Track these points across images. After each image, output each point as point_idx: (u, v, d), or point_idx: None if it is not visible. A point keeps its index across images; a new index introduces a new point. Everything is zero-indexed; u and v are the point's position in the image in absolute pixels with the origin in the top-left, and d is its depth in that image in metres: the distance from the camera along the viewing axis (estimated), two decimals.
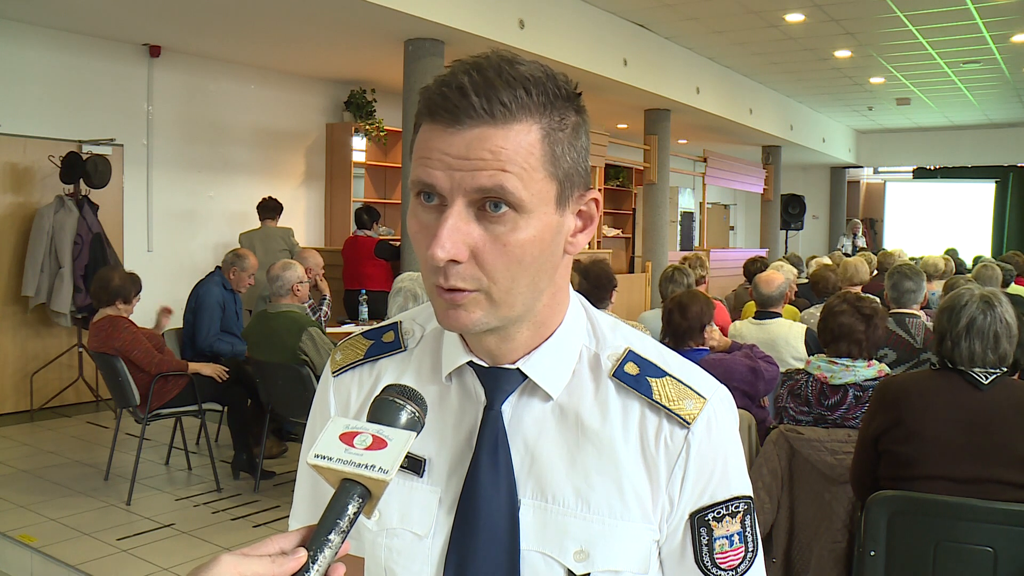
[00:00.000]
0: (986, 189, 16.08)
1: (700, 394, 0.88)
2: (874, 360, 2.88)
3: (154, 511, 4.33)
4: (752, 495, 0.90)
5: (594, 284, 3.87)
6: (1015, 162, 15.46)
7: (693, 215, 15.37)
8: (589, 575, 0.84)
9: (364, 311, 6.21)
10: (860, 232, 14.68)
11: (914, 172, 16.88)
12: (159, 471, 5.04)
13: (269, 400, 4.64)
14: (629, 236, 13.47)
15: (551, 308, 0.88)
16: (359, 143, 8.77)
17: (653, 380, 0.87)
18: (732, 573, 0.87)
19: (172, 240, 7.52)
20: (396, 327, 0.97)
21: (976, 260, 8.17)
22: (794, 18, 8.00)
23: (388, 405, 0.76)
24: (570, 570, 0.84)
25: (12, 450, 5.43)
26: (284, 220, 7.22)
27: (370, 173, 9.29)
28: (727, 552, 0.87)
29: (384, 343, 0.96)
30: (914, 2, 7.45)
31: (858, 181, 17.36)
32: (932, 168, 16.46)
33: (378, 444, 0.73)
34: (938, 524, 2.22)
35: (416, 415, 0.77)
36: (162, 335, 4.92)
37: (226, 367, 4.79)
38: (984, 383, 2.28)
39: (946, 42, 8.85)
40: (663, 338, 3.42)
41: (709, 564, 0.87)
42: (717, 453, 0.87)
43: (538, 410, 0.88)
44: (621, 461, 0.85)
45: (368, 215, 7.31)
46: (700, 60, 9.72)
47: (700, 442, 0.86)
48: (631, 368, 0.88)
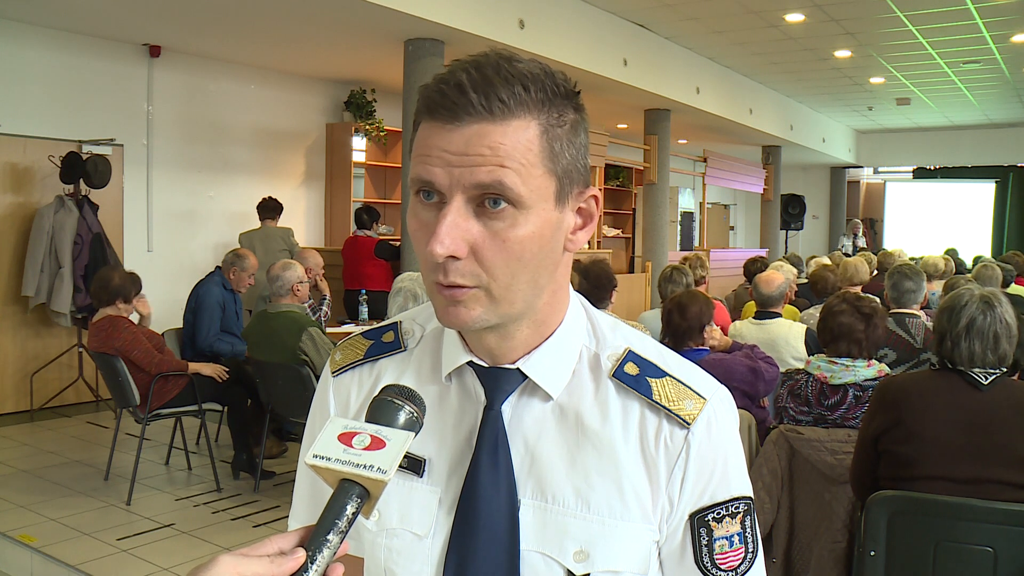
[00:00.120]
0: (986, 189, 16.08)
1: (700, 394, 0.88)
2: (874, 360, 2.88)
3: (154, 511, 4.33)
4: (752, 495, 0.90)
5: (594, 284, 3.87)
6: (1015, 162, 15.46)
7: (693, 215, 15.37)
8: (589, 575, 0.84)
9: (364, 311, 6.21)
10: (860, 232, 14.69)
11: (914, 172, 16.88)
12: (159, 471, 5.04)
13: (269, 400, 4.64)
14: (629, 236, 13.46)
15: (551, 306, 0.88)
16: (359, 143, 8.77)
17: (653, 380, 0.87)
18: (732, 574, 0.87)
19: (172, 240, 7.52)
20: (396, 327, 0.97)
21: (976, 260, 8.17)
22: (794, 18, 8.00)
23: (386, 405, 0.76)
24: (570, 570, 0.84)
25: (12, 450, 5.43)
26: (284, 220, 7.22)
27: (370, 173, 9.29)
28: (727, 553, 0.87)
29: (384, 343, 0.96)
30: (914, 2, 7.45)
31: (858, 181, 17.36)
32: (932, 168, 16.46)
33: (376, 444, 0.73)
34: (938, 524, 2.22)
35: (414, 415, 0.77)
36: (162, 335, 4.92)
37: (226, 367, 4.79)
38: (984, 383, 2.28)
39: (946, 42, 8.85)
40: (663, 338, 3.42)
41: (709, 565, 0.86)
42: (717, 453, 0.87)
43: (538, 410, 0.88)
44: (621, 461, 0.85)
45: (368, 215, 7.31)
46: (700, 60, 9.71)
47: (700, 442, 0.86)
48: (631, 368, 0.88)
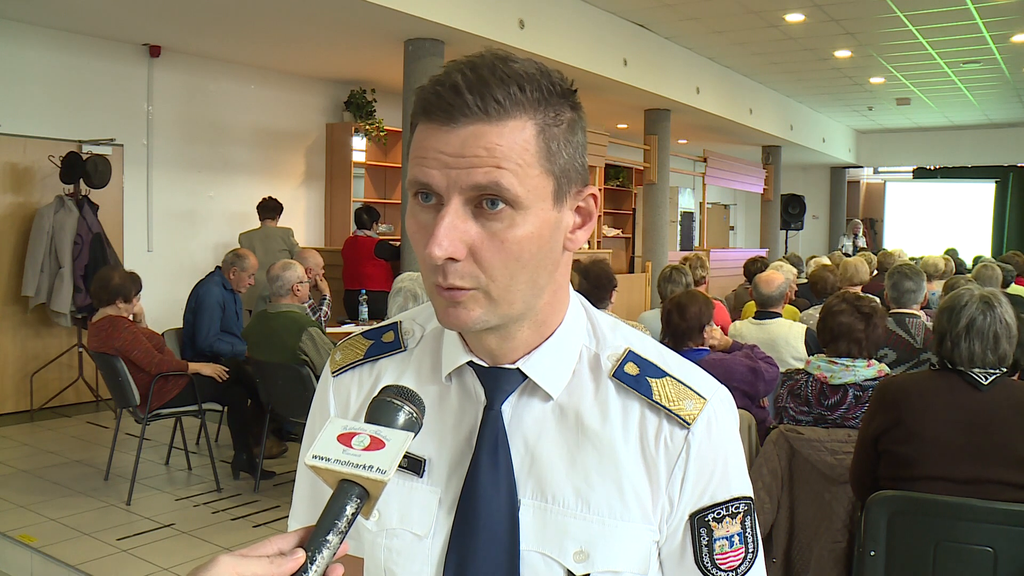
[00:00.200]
0: (986, 189, 16.08)
1: (700, 394, 0.87)
2: (874, 360, 2.88)
3: (154, 511, 4.33)
4: (752, 496, 0.90)
5: (594, 284, 3.88)
6: (1015, 162, 15.46)
7: (693, 215, 15.37)
8: (589, 575, 0.84)
9: (364, 311, 6.21)
10: (861, 232, 14.69)
11: (914, 172, 16.88)
12: (159, 471, 5.03)
13: (269, 400, 4.64)
14: (629, 236, 13.46)
15: (551, 307, 0.87)
16: (359, 143, 8.77)
17: (653, 380, 0.87)
18: (732, 574, 0.87)
19: (172, 240, 7.52)
20: (396, 327, 0.97)
21: (976, 260, 8.16)
22: (794, 18, 8.00)
23: (386, 406, 0.76)
24: (570, 570, 0.84)
25: (12, 450, 5.43)
26: (284, 220, 7.22)
27: (370, 173, 9.29)
28: (727, 553, 0.87)
29: (384, 343, 0.96)
30: (914, 2, 7.45)
31: (858, 181, 17.36)
32: (932, 168, 16.46)
33: (376, 445, 0.73)
34: (938, 524, 2.22)
35: (414, 416, 0.77)
36: (162, 335, 4.92)
37: (226, 367, 4.79)
38: (984, 384, 2.28)
39: (946, 42, 8.85)
40: (663, 339, 3.42)
41: (709, 565, 0.86)
42: (717, 454, 0.87)
43: (538, 410, 0.88)
44: (621, 461, 0.85)
45: (368, 215, 7.31)
46: (700, 60, 9.71)
47: (700, 443, 0.86)
48: (631, 368, 0.88)
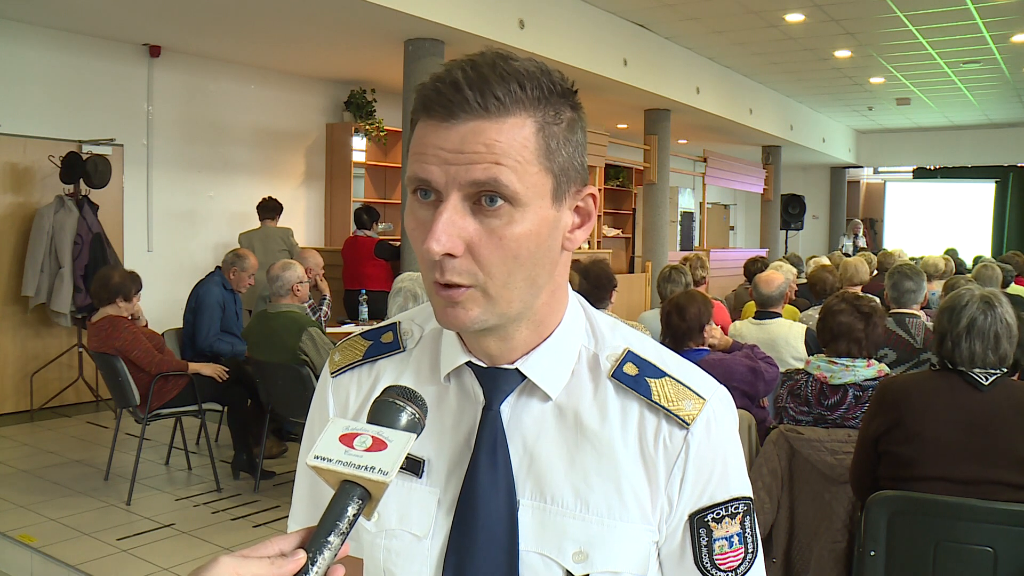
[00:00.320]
0: (986, 189, 16.08)
1: (699, 395, 0.87)
2: (874, 360, 2.88)
3: (154, 511, 4.33)
4: (752, 496, 0.90)
5: (594, 284, 3.88)
6: (1015, 162, 15.45)
7: (693, 215, 15.37)
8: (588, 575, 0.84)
9: (364, 311, 6.21)
10: (861, 232, 14.69)
11: (914, 172, 16.88)
12: (159, 471, 5.03)
13: (269, 400, 4.64)
14: (629, 236, 13.46)
15: (550, 307, 0.87)
16: (359, 143, 8.77)
17: (652, 380, 0.87)
18: (732, 574, 0.87)
19: (172, 240, 7.52)
20: (395, 328, 0.97)
21: (976, 260, 8.16)
22: (794, 18, 8.00)
23: (388, 406, 0.76)
24: (569, 571, 0.83)
25: (12, 450, 5.43)
26: (284, 220, 7.22)
27: (370, 173, 9.29)
28: (727, 553, 0.87)
29: (383, 344, 0.96)
30: (914, 2, 7.45)
31: (858, 181, 17.36)
32: (932, 168, 16.46)
33: (378, 446, 0.73)
34: (938, 524, 2.22)
35: (416, 416, 0.76)
36: (162, 335, 4.92)
37: (226, 367, 4.79)
38: (984, 384, 2.28)
39: (946, 42, 8.85)
40: (663, 340, 3.42)
41: (709, 565, 0.86)
42: (716, 454, 0.87)
43: (537, 410, 0.87)
44: (620, 462, 0.85)
45: (368, 215, 7.31)
46: (700, 60, 9.71)
47: (699, 443, 0.86)
48: (630, 368, 0.88)
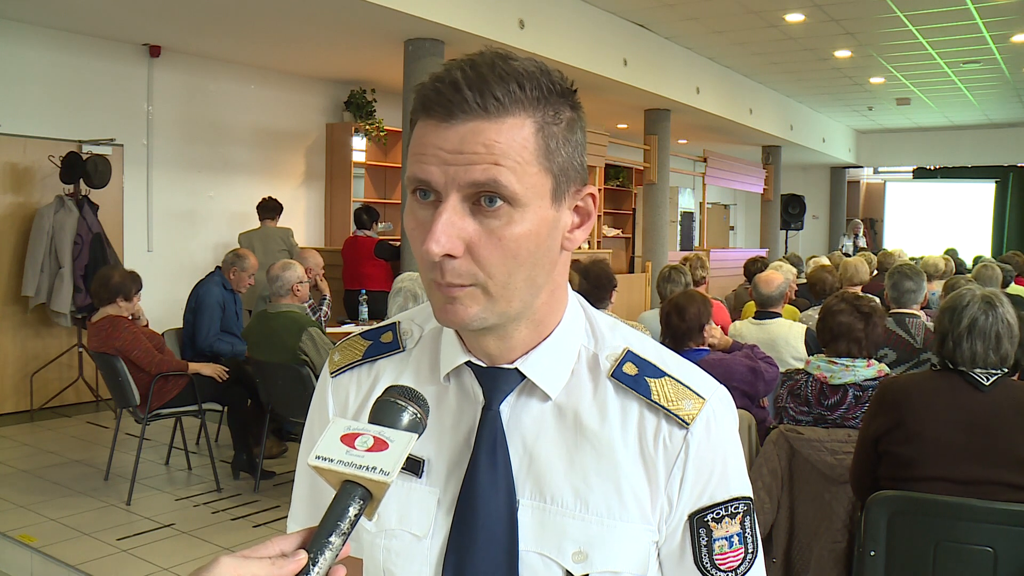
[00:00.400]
0: (986, 189, 16.07)
1: (699, 394, 0.87)
2: (874, 360, 2.88)
3: (154, 511, 4.33)
4: (752, 496, 0.89)
5: (594, 284, 3.88)
6: (1015, 162, 15.45)
7: (693, 215, 15.37)
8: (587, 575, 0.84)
9: (364, 311, 6.21)
10: (861, 232, 14.69)
11: (914, 172, 16.88)
12: (159, 471, 5.03)
13: (269, 400, 4.64)
14: (629, 236, 13.46)
15: (549, 306, 0.87)
16: (359, 143, 8.77)
17: (652, 380, 0.87)
18: (732, 574, 0.87)
19: (172, 240, 7.52)
20: (394, 327, 0.97)
21: (976, 260, 8.16)
22: (794, 18, 7.99)
23: (390, 406, 0.76)
24: (568, 571, 0.83)
25: (12, 450, 5.43)
26: (284, 220, 7.22)
27: (370, 173, 9.29)
28: (727, 553, 0.87)
29: (382, 344, 0.96)
30: (914, 2, 7.45)
31: (858, 181, 17.36)
32: (932, 168, 16.46)
33: (379, 446, 0.72)
34: (938, 524, 2.22)
35: (418, 416, 0.76)
36: (162, 335, 4.92)
37: (226, 367, 4.79)
38: (985, 384, 2.28)
39: (946, 42, 8.85)
40: (663, 340, 3.41)
41: (708, 565, 0.86)
42: (716, 454, 0.87)
43: (536, 410, 0.87)
44: (620, 462, 0.85)
45: (368, 215, 7.31)
46: (700, 60, 9.71)
47: (699, 443, 0.85)
48: (630, 368, 0.88)
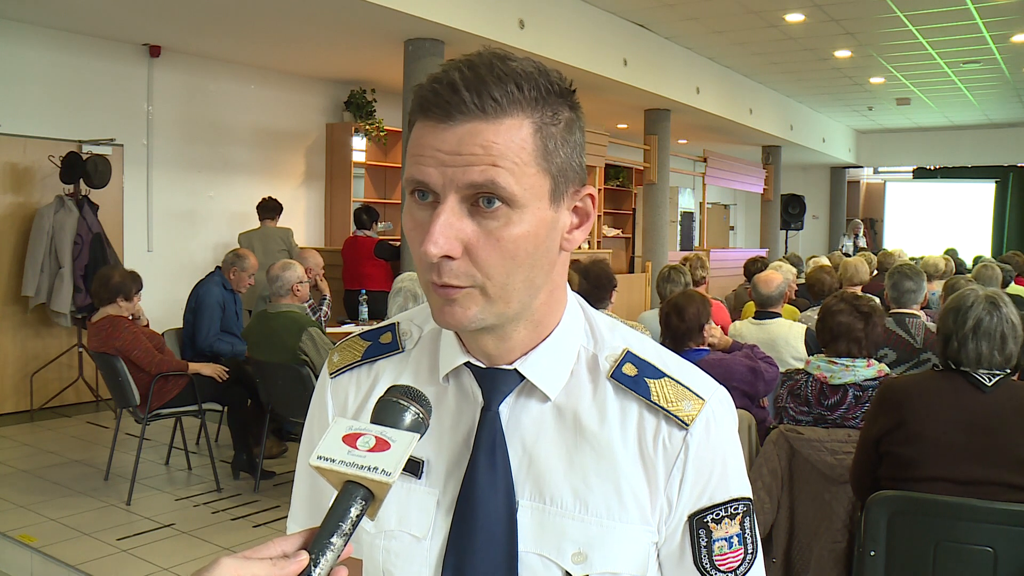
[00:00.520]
0: (986, 189, 16.07)
1: (698, 395, 0.87)
2: (873, 360, 2.88)
3: (154, 511, 4.33)
4: (751, 496, 0.89)
5: (594, 284, 3.88)
6: (1015, 162, 15.45)
7: (693, 215, 15.37)
8: None
9: (364, 311, 6.21)
10: (861, 232, 14.69)
11: (914, 172, 16.88)
12: (159, 471, 5.03)
13: (269, 400, 4.64)
14: (629, 236, 13.45)
15: (548, 307, 0.87)
16: (359, 143, 8.77)
17: (651, 381, 0.87)
18: (732, 575, 0.87)
19: (172, 240, 7.52)
20: (394, 328, 0.97)
21: (976, 260, 8.16)
22: (794, 18, 7.99)
23: (392, 406, 0.76)
24: (568, 572, 0.83)
25: (12, 450, 5.43)
26: (284, 220, 7.21)
27: (370, 173, 9.29)
28: (726, 554, 0.87)
29: (381, 344, 0.96)
30: (914, 2, 7.45)
31: (858, 181, 17.36)
32: (932, 168, 16.46)
33: (381, 446, 0.72)
34: (938, 524, 2.22)
35: (420, 416, 0.76)
36: (162, 335, 4.92)
37: (226, 367, 4.79)
38: (987, 385, 2.27)
39: (946, 42, 8.85)
40: (662, 341, 3.41)
41: (708, 566, 0.86)
42: (716, 454, 0.87)
43: (536, 411, 0.87)
44: (619, 463, 0.85)
45: (367, 215, 7.31)
46: (700, 60, 9.71)
47: (699, 443, 0.85)
48: (629, 369, 0.88)
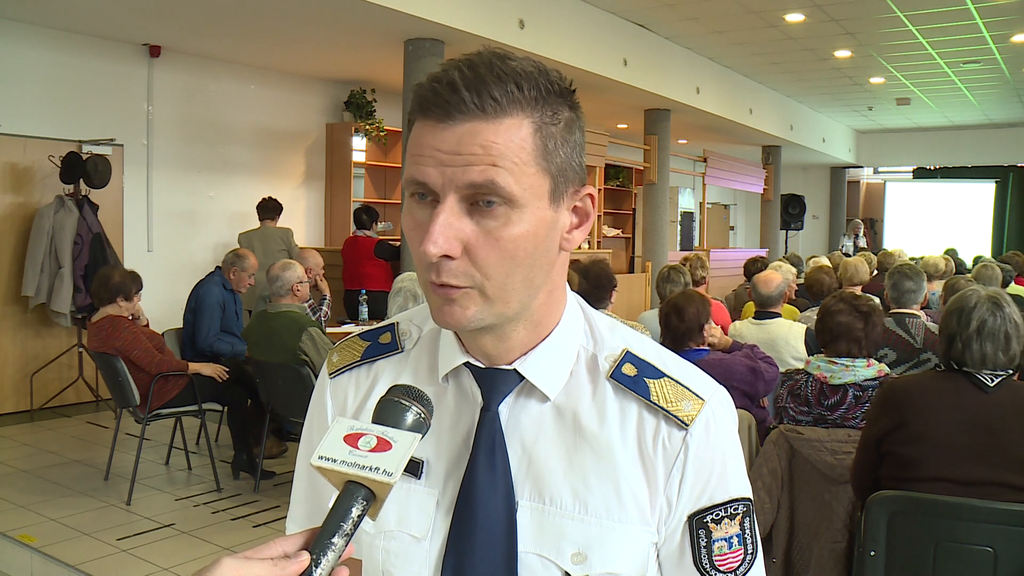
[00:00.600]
0: (986, 189, 16.07)
1: (698, 395, 0.87)
2: (873, 360, 2.88)
3: (154, 511, 4.33)
4: (751, 497, 0.89)
5: (594, 284, 3.88)
6: (1015, 162, 15.45)
7: (693, 215, 15.37)
8: None
9: (364, 311, 6.21)
10: (861, 232, 14.69)
11: (914, 172, 16.88)
12: (159, 471, 5.03)
13: (269, 400, 4.64)
14: (629, 236, 13.45)
15: (547, 307, 0.87)
16: (359, 143, 8.77)
17: (651, 381, 0.87)
18: (731, 575, 0.87)
19: (172, 240, 7.52)
20: (393, 328, 0.96)
21: (976, 260, 8.16)
22: (794, 18, 7.99)
23: (393, 406, 0.76)
24: (567, 572, 0.83)
25: (12, 450, 5.43)
26: (284, 220, 7.21)
27: (370, 173, 9.29)
28: (726, 554, 0.86)
29: (381, 344, 0.96)
30: (914, 2, 7.44)
31: (858, 181, 17.36)
32: (932, 168, 16.46)
33: (382, 446, 0.72)
34: (938, 524, 2.22)
35: (422, 416, 0.76)
36: (162, 335, 4.92)
37: (226, 367, 4.79)
38: (990, 385, 2.27)
39: (946, 42, 8.85)
40: (662, 341, 3.41)
41: (708, 566, 0.86)
42: (715, 455, 0.86)
43: (535, 411, 0.87)
44: (619, 463, 0.85)
45: (367, 215, 7.31)
46: (700, 60, 9.71)
47: (698, 444, 0.85)
48: (629, 369, 0.87)
